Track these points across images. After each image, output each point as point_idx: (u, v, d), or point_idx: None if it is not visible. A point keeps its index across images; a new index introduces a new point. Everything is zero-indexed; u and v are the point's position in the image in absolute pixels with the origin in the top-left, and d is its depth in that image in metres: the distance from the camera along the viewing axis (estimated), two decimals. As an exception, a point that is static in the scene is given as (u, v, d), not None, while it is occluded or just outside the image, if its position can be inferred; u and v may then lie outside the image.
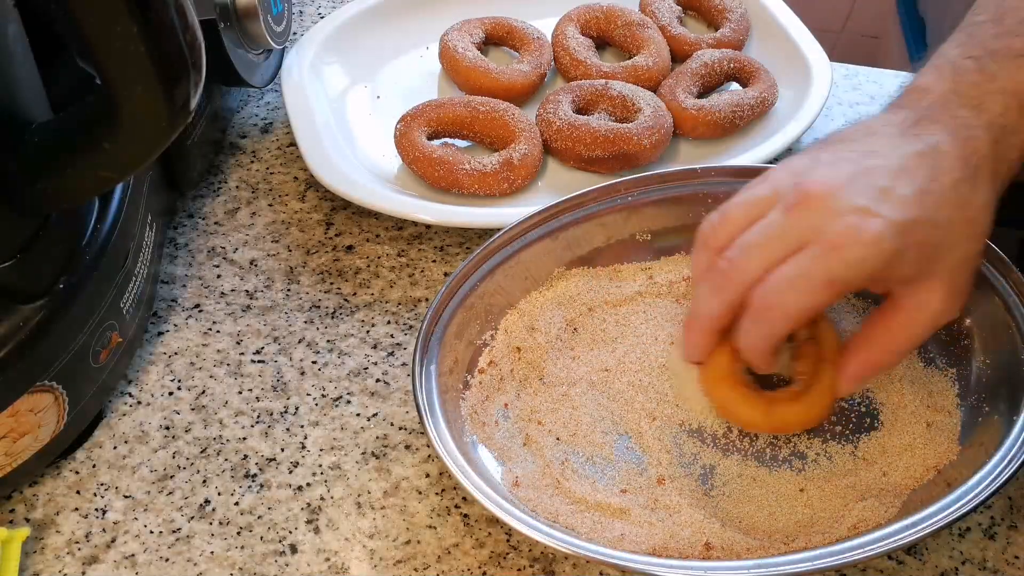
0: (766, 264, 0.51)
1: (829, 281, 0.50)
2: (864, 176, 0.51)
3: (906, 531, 0.52)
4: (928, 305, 0.52)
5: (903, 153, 0.52)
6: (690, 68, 0.79)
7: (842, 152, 0.53)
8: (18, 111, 0.52)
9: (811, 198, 0.50)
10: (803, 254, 0.50)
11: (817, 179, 0.51)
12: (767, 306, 0.51)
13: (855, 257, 0.49)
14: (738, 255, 0.52)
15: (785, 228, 0.51)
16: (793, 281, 0.50)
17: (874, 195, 0.50)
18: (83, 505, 0.59)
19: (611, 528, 0.55)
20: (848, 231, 0.49)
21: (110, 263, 0.58)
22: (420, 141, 0.73)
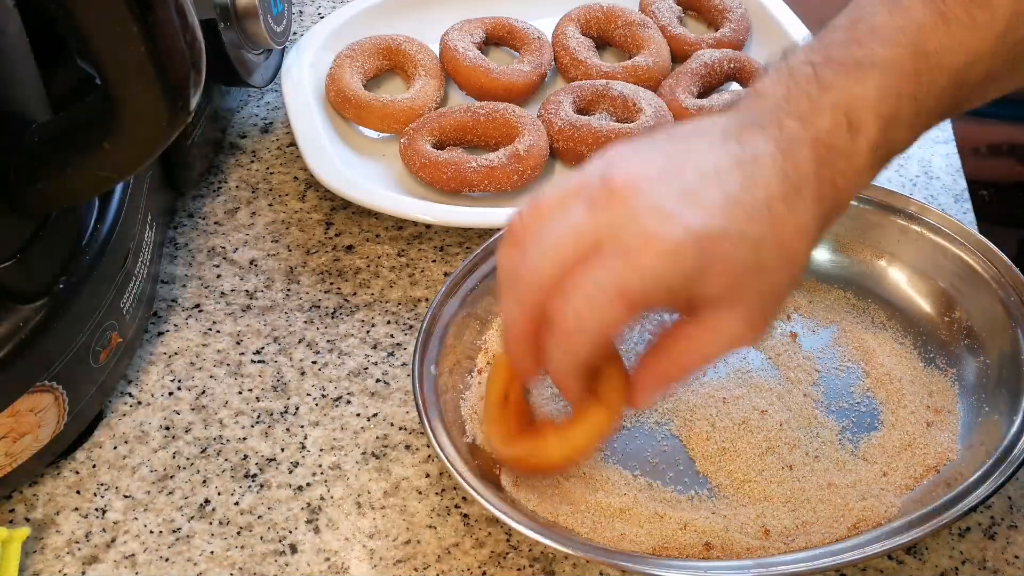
0: (560, 268, 0.46)
1: (622, 292, 0.44)
2: (672, 174, 0.46)
3: (906, 531, 0.52)
4: (726, 329, 0.47)
5: (719, 156, 0.46)
6: (690, 68, 0.79)
7: (660, 145, 0.48)
8: (18, 111, 0.52)
9: (613, 194, 0.45)
10: (597, 261, 0.45)
11: (623, 171, 0.46)
12: (566, 325, 0.46)
13: (649, 267, 0.44)
14: (535, 258, 0.46)
15: (580, 227, 0.45)
16: (589, 297, 0.45)
17: (679, 198, 0.45)
18: (83, 505, 0.59)
19: (611, 528, 0.55)
20: (643, 235, 0.44)
21: (110, 263, 0.58)
22: (425, 149, 0.73)
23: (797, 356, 0.62)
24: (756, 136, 0.47)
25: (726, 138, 0.47)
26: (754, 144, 0.47)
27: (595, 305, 0.45)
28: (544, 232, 0.47)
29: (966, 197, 0.75)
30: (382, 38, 0.81)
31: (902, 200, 0.65)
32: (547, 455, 0.53)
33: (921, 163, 0.77)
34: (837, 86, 0.47)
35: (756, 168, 0.46)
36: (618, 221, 0.45)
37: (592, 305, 0.45)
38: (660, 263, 0.44)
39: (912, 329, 0.63)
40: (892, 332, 0.63)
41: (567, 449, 0.53)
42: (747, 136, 0.47)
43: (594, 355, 0.48)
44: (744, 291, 0.46)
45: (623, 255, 0.44)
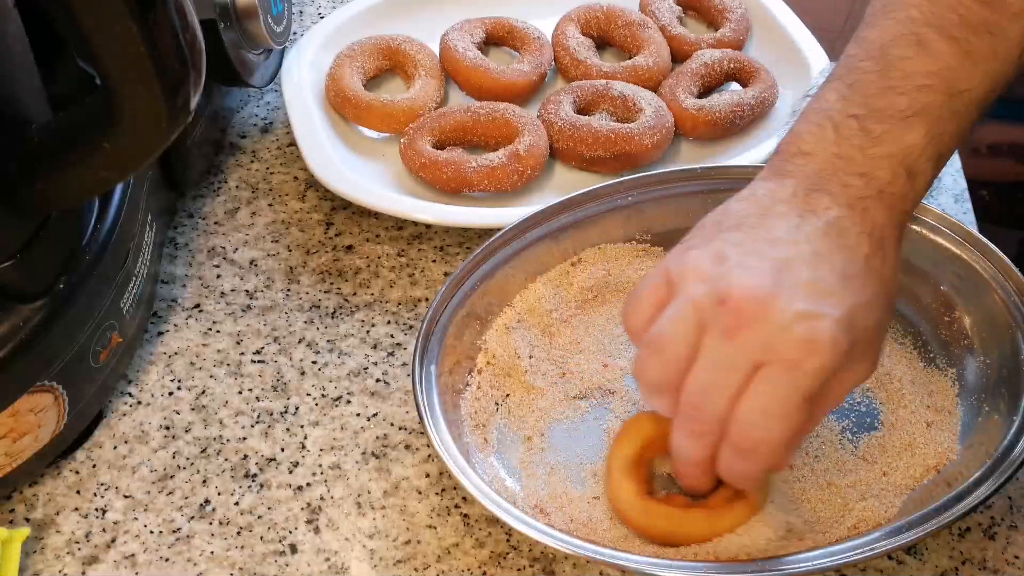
0: (730, 398, 0.48)
1: (804, 398, 0.47)
2: (785, 272, 0.48)
3: (906, 531, 0.52)
4: (857, 375, 0.50)
5: (809, 237, 0.49)
6: (690, 68, 0.79)
7: (745, 245, 0.49)
8: (18, 111, 0.52)
9: (744, 316, 0.47)
10: (766, 380, 0.47)
11: (741, 289, 0.47)
12: (754, 443, 0.48)
13: (819, 367, 0.46)
14: (699, 399, 0.48)
15: (733, 356, 0.47)
16: (770, 412, 0.47)
17: (807, 295, 0.47)
18: (83, 505, 0.59)
19: (611, 528, 0.55)
20: (803, 343, 0.46)
21: (110, 263, 0.58)
22: (425, 149, 0.73)
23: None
24: (825, 201, 0.50)
25: (800, 214, 0.49)
26: (828, 211, 0.49)
27: (783, 416, 0.47)
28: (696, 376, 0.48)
29: (966, 197, 0.75)
30: (382, 38, 0.81)
31: (902, 200, 0.65)
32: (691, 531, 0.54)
33: (921, 163, 0.77)
34: (888, 138, 0.50)
35: (844, 237, 0.49)
36: (768, 338, 0.47)
37: (781, 417, 0.47)
38: (826, 359, 0.47)
39: (912, 329, 0.63)
40: (892, 332, 0.63)
41: (709, 530, 0.54)
42: (816, 204, 0.50)
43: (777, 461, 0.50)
44: (874, 345, 0.50)
45: (791, 366, 0.47)
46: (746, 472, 0.50)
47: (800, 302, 0.47)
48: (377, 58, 0.81)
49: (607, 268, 0.66)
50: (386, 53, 0.81)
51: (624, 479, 0.55)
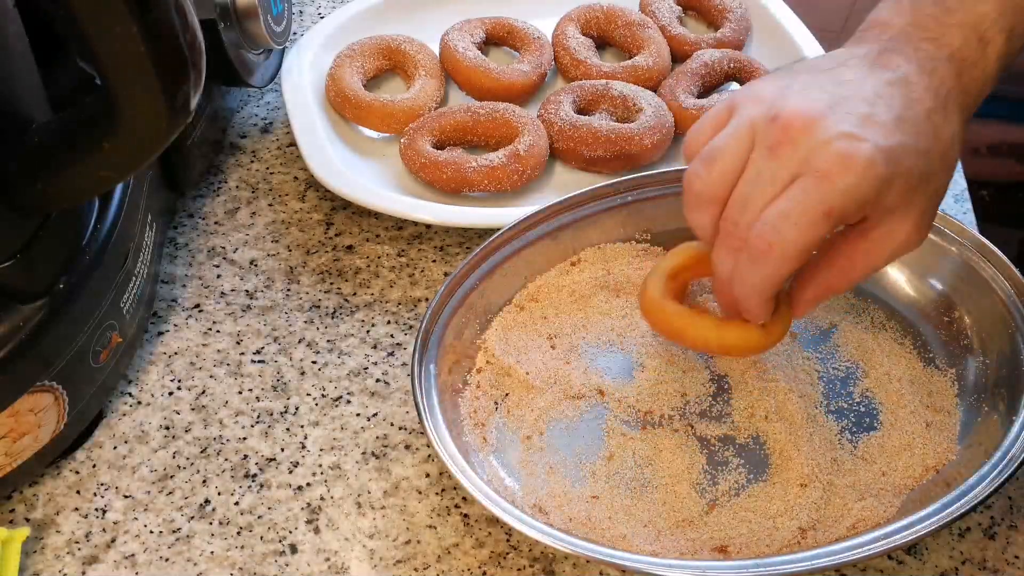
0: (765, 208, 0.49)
1: (827, 211, 0.48)
2: (842, 104, 0.49)
3: (906, 531, 0.52)
4: (897, 235, 0.51)
5: (875, 81, 0.50)
6: (690, 68, 0.79)
7: (812, 80, 0.51)
8: (18, 111, 0.52)
9: (792, 131, 0.49)
10: (796, 187, 0.48)
11: (794, 109, 0.49)
12: (767, 246, 0.49)
13: (849, 183, 0.47)
14: (740, 213, 0.50)
15: (774, 170, 0.49)
16: (789, 216, 0.48)
17: (856, 121, 0.48)
18: (83, 505, 0.59)
19: (611, 527, 0.55)
20: (839, 157, 0.47)
21: (110, 263, 0.58)
22: (425, 149, 0.73)
23: (797, 356, 0.62)
24: (897, 59, 0.51)
25: (872, 66, 0.51)
26: (899, 67, 0.51)
27: (803, 225, 0.48)
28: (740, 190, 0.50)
29: (966, 197, 0.75)
30: (382, 38, 0.81)
31: (902, 200, 0.65)
32: (697, 331, 0.55)
33: (921, 163, 0.77)
34: (961, 8, 0.53)
35: (909, 88, 0.50)
36: (807, 153, 0.48)
37: (800, 225, 0.48)
38: (859, 180, 0.47)
39: (912, 329, 0.63)
40: (892, 332, 0.63)
41: (715, 340, 0.55)
42: (889, 60, 0.51)
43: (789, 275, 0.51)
44: (917, 197, 0.50)
45: (821, 178, 0.48)
46: (751, 280, 0.51)
47: (847, 124, 0.48)
48: (377, 58, 0.81)
49: (607, 268, 0.67)
50: (386, 53, 0.81)
51: (654, 280, 0.57)
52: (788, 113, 0.49)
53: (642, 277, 0.66)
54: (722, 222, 0.51)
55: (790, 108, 0.49)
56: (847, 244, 0.52)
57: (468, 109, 0.76)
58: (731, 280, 0.52)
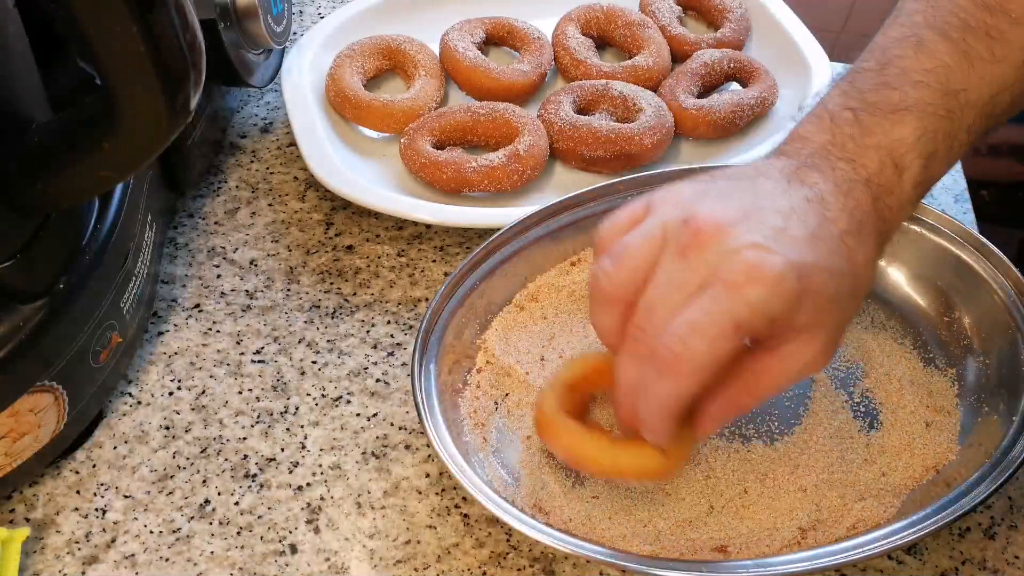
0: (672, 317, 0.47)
1: (736, 324, 0.46)
2: (756, 214, 0.48)
3: (906, 531, 0.52)
4: (804, 355, 0.49)
5: (791, 196, 0.49)
6: (690, 68, 0.79)
7: (730, 187, 0.50)
8: (18, 111, 0.52)
9: (702, 235, 0.47)
10: (705, 297, 0.46)
11: (707, 214, 0.47)
12: (674, 357, 0.46)
13: (759, 296, 0.45)
14: (647, 320, 0.48)
15: (683, 275, 0.47)
16: (697, 327, 0.46)
17: (769, 233, 0.47)
18: (83, 505, 0.59)
19: (611, 527, 0.55)
20: (748, 267, 0.46)
21: (110, 263, 0.58)
22: (425, 149, 0.73)
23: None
24: (815, 176, 0.50)
25: (789, 180, 0.50)
26: (815, 184, 0.50)
27: (711, 337, 0.46)
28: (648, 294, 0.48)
29: (966, 197, 0.75)
30: (382, 38, 0.81)
31: (902, 200, 0.65)
32: (589, 451, 0.53)
33: (921, 163, 0.77)
34: (878, 130, 0.51)
35: (824, 207, 0.49)
36: (716, 260, 0.46)
37: (708, 337, 0.46)
38: (767, 292, 0.46)
39: (912, 329, 0.63)
40: (892, 332, 0.63)
41: (607, 464, 0.53)
42: (806, 176, 0.50)
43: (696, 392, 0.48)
44: (826, 319, 0.48)
45: (730, 289, 0.46)
46: (656, 393, 0.48)
47: (758, 235, 0.47)
48: (377, 58, 0.81)
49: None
50: (386, 53, 0.81)
51: (551, 394, 0.55)
52: (701, 218, 0.47)
53: None
54: (629, 327, 0.49)
55: (704, 213, 0.47)
56: (753, 360, 0.49)
57: (468, 109, 0.76)
58: (634, 392, 0.49)
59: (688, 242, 0.47)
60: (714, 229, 0.47)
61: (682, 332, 0.46)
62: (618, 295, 0.49)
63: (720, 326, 0.46)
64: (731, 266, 0.46)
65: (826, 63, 0.80)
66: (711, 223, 0.47)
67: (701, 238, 0.47)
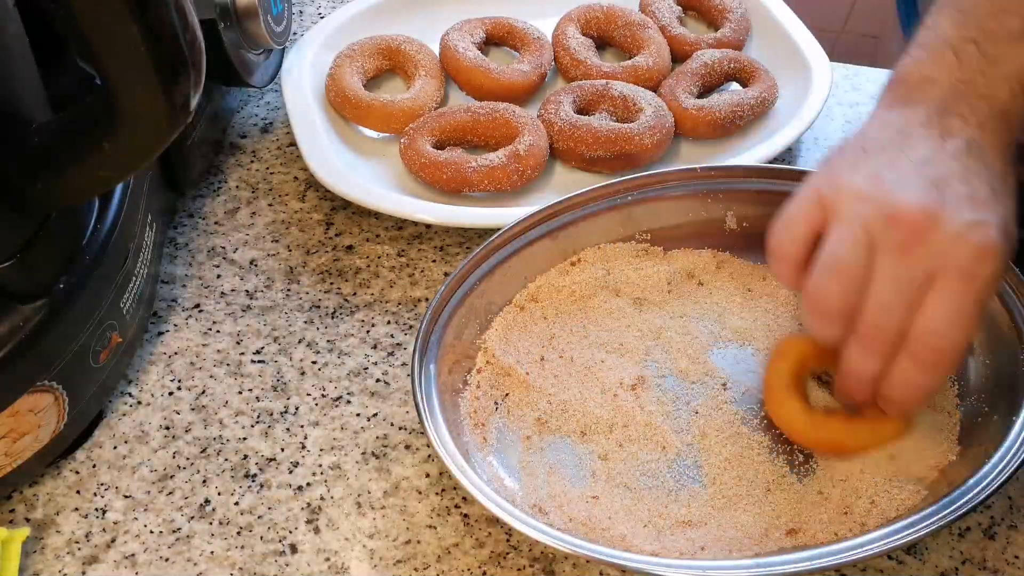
0: (909, 312, 0.50)
1: (980, 303, 0.50)
2: (944, 188, 0.50)
3: (906, 531, 0.52)
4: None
5: (953, 156, 0.51)
6: (690, 68, 0.79)
7: (897, 166, 0.52)
8: (18, 111, 0.52)
9: (919, 231, 0.49)
10: (945, 289, 0.49)
11: (910, 208, 0.50)
12: (939, 354, 0.50)
13: (991, 272, 0.49)
14: (880, 318, 0.51)
15: (910, 271, 0.50)
16: (953, 320, 0.50)
17: (971, 205, 0.50)
18: (83, 505, 0.59)
19: (610, 527, 0.55)
20: (977, 250, 0.49)
21: (110, 263, 0.58)
22: (425, 149, 0.73)
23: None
24: (957, 122, 0.52)
25: (940, 135, 0.52)
26: (963, 132, 0.52)
27: (964, 323, 0.50)
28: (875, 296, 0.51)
29: (966, 197, 0.75)
30: (382, 38, 0.81)
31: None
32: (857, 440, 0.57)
33: (921, 163, 0.77)
34: (1005, 60, 0.53)
35: (983, 154, 0.52)
36: (942, 250, 0.49)
37: (964, 325, 0.50)
38: (997, 264, 0.49)
39: (912, 329, 0.63)
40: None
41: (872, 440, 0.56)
42: (950, 125, 0.52)
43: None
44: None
45: (966, 275, 0.49)
46: (923, 384, 0.52)
47: (967, 212, 0.49)
48: (377, 58, 0.81)
49: (607, 268, 0.66)
50: (386, 53, 0.81)
51: (789, 396, 0.57)
52: (907, 212, 0.50)
53: (642, 277, 0.66)
54: (861, 327, 0.51)
55: (906, 206, 0.50)
56: None
57: (468, 109, 0.76)
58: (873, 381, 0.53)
59: (905, 239, 0.50)
60: (925, 220, 0.49)
61: (939, 327, 0.50)
62: (843, 307, 0.51)
63: (971, 312, 0.50)
64: (960, 253, 0.49)
65: (826, 63, 0.80)
66: (918, 215, 0.49)
67: (917, 234, 0.49)
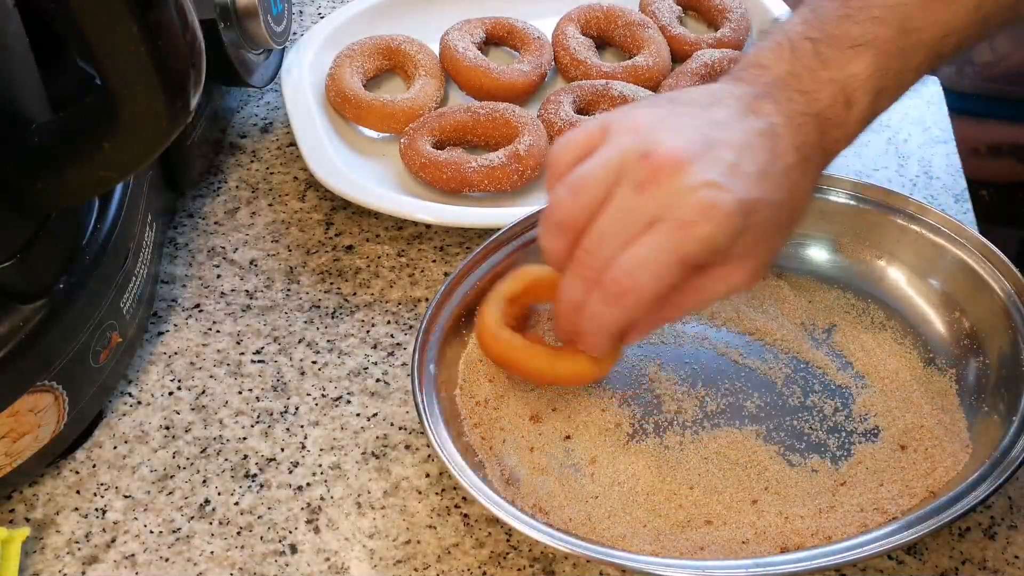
0: (621, 247, 0.50)
1: (682, 260, 0.49)
2: (712, 149, 0.50)
3: (906, 531, 0.52)
4: (733, 278, 0.52)
5: (745, 129, 0.51)
6: (690, 68, 0.79)
7: (687, 115, 0.52)
8: (18, 111, 0.52)
9: (661, 172, 0.49)
10: (655, 233, 0.49)
11: (666, 149, 0.49)
12: (622, 291, 0.50)
13: (706, 234, 0.48)
14: (597, 246, 0.50)
15: (636, 208, 0.49)
16: (647, 264, 0.49)
17: (723, 169, 0.49)
18: (83, 505, 0.59)
19: (611, 526, 0.55)
20: (702, 207, 0.48)
21: (110, 263, 0.58)
22: (425, 149, 0.73)
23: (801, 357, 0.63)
24: (769, 108, 0.52)
25: (745, 111, 0.52)
26: (769, 117, 0.51)
27: (659, 273, 0.49)
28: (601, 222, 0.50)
29: (966, 197, 0.75)
30: (382, 38, 0.81)
31: (901, 200, 0.65)
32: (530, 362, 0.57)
33: (921, 163, 0.77)
34: (835, 64, 0.52)
35: (776, 141, 0.51)
36: (671, 198, 0.49)
37: (656, 274, 0.49)
38: (716, 230, 0.48)
39: (912, 329, 0.63)
40: (892, 332, 0.63)
41: (547, 371, 0.57)
42: (761, 107, 0.52)
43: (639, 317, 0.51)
44: (761, 249, 0.52)
45: (681, 226, 0.48)
46: (603, 322, 0.52)
47: (713, 172, 0.49)
48: (377, 58, 0.81)
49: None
50: (386, 53, 0.81)
51: (492, 308, 0.58)
52: (660, 153, 0.49)
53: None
54: (577, 250, 0.51)
55: (663, 148, 0.49)
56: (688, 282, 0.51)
57: (468, 109, 0.76)
58: (577, 310, 0.52)
59: (645, 177, 0.49)
60: (672, 166, 0.49)
61: (631, 266, 0.49)
62: (572, 223, 0.51)
63: (668, 263, 0.49)
64: (685, 204, 0.48)
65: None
66: (670, 160, 0.49)
67: (659, 175, 0.49)
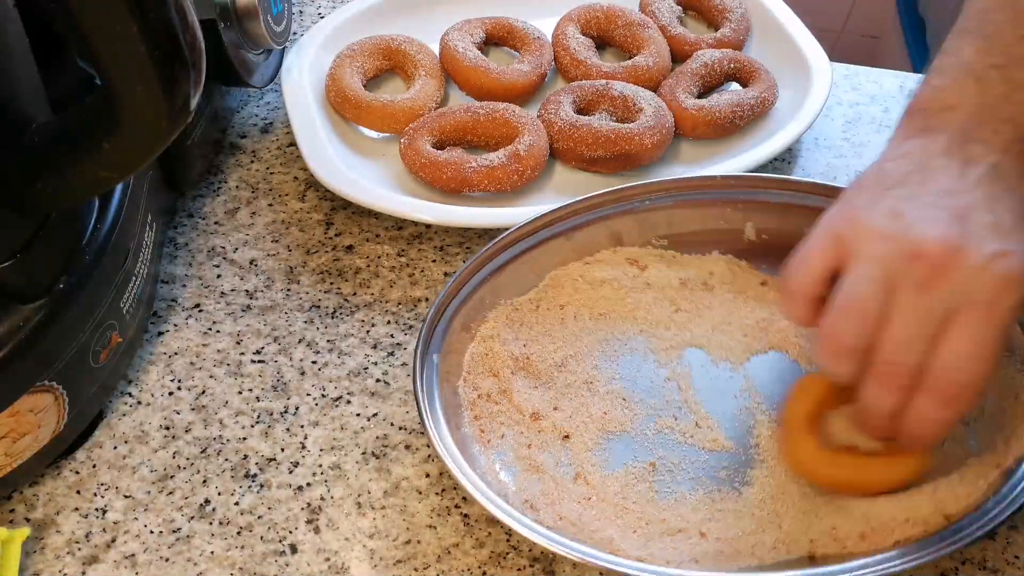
0: (927, 348, 0.49)
1: (1003, 335, 0.49)
2: (966, 220, 0.49)
3: (915, 554, 0.52)
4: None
5: (976, 184, 0.50)
6: (690, 68, 0.79)
7: (916, 199, 0.50)
8: (18, 111, 0.52)
9: (941, 266, 0.48)
10: (967, 324, 0.48)
11: (933, 242, 0.49)
12: (958, 387, 0.49)
13: (1014, 303, 0.48)
14: (899, 354, 0.49)
15: (930, 307, 0.49)
16: (975, 355, 0.48)
17: (992, 235, 0.49)
18: (83, 505, 0.59)
19: (600, 528, 0.55)
20: (1000, 281, 0.48)
21: (110, 263, 0.58)
22: (425, 149, 0.73)
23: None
24: (979, 149, 0.51)
25: (961, 166, 0.51)
26: (985, 158, 0.51)
27: (987, 357, 0.49)
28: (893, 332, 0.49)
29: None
30: (382, 38, 0.81)
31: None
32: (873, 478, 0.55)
33: (921, 163, 0.77)
34: None
35: (1007, 181, 0.51)
36: (964, 285, 0.48)
37: (987, 359, 0.49)
38: (1019, 294, 0.48)
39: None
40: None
41: (889, 478, 0.55)
42: (972, 153, 0.51)
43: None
44: None
45: (989, 307, 0.48)
46: (942, 419, 0.50)
47: (990, 243, 0.48)
48: (377, 58, 0.81)
49: (616, 271, 0.66)
50: (386, 53, 0.81)
51: (804, 435, 0.56)
52: (930, 248, 0.49)
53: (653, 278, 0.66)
54: (877, 365, 0.50)
55: (929, 243, 0.49)
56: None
57: (468, 109, 0.76)
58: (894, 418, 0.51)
59: (927, 276, 0.48)
60: (949, 257, 0.48)
61: (959, 362, 0.48)
62: (860, 344, 0.50)
63: (993, 345, 0.48)
64: (982, 285, 0.48)
65: (826, 63, 0.80)
66: (943, 251, 0.48)
67: (940, 270, 0.48)
